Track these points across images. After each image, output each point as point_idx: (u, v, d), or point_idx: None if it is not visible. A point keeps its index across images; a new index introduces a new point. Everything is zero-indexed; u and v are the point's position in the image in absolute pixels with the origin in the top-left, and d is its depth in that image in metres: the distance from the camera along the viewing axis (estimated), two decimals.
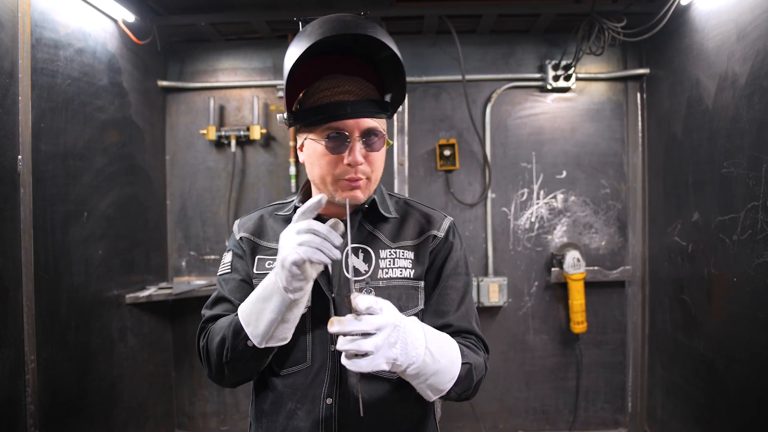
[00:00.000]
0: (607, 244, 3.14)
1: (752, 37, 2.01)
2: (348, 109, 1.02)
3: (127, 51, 2.71)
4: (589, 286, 3.05)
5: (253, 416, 1.20)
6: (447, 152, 3.05)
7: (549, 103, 3.12)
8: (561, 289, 3.10)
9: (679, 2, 2.44)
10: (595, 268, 3.08)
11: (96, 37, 2.44)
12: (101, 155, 2.47)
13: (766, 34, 1.93)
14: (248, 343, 1.00)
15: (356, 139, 1.04)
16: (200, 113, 3.15)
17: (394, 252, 1.14)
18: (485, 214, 3.13)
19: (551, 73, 3.04)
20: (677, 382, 2.69)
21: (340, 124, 1.03)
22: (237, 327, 1.01)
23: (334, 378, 1.08)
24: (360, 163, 1.04)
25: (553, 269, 3.07)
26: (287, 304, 0.96)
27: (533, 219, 3.13)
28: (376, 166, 1.08)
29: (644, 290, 3.08)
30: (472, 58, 3.09)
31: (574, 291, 2.98)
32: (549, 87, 3.06)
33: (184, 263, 3.19)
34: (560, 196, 3.12)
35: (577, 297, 2.98)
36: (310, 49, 0.97)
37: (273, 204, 1.28)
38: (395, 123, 3.01)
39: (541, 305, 3.14)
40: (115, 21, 2.59)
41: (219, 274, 1.21)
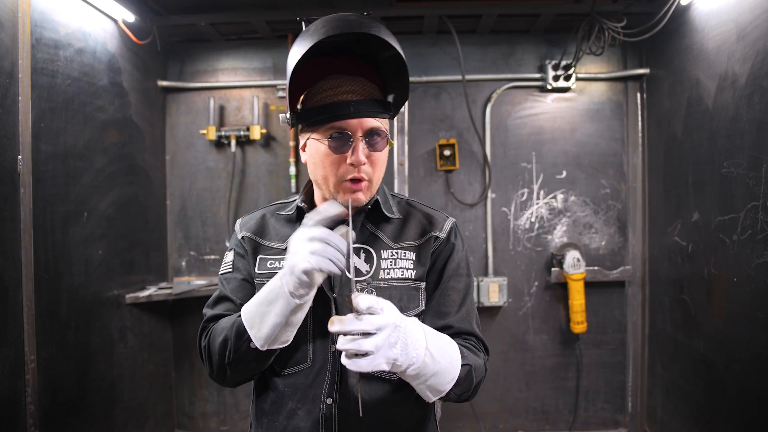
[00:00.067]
0: (607, 244, 3.14)
1: (752, 37, 2.01)
2: (351, 109, 1.02)
3: (127, 51, 2.71)
4: (589, 286, 3.05)
5: (253, 416, 1.20)
6: (447, 152, 3.05)
7: (549, 103, 3.12)
8: (561, 289, 3.10)
9: (679, 2, 2.44)
10: (595, 268, 3.08)
11: (96, 37, 2.44)
12: (101, 155, 2.47)
13: (766, 34, 1.93)
14: (251, 345, 1.00)
15: (359, 139, 1.04)
16: (200, 113, 3.15)
17: (396, 252, 1.13)
18: (485, 214, 3.13)
19: (551, 73, 3.04)
20: (677, 382, 2.69)
21: (343, 123, 1.03)
22: (240, 329, 1.01)
23: (334, 378, 1.08)
24: (363, 163, 1.04)
25: (553, 269, 3.07)
26: (292, 308, 0.96)
27: (533, 219, 3.13)
28: (378, 166, 1.08)
29: (644, 290, 3.08)
30: (472, 58, 3.09)
31: (574, 291, 2.98)
32: (549, 87, 3.06)
33: (184, 263, 3.19)
34: (560, 196, 3.12)
35: (577, 297, 2.98)
36: (312, 49, 0.97)
37: (275, 203, 1.28)
38: (395, 123, 3.00)
39: (541, 305, 3.14)
40: (115, 21, 2.59)
41: (221, 273, 1.21)
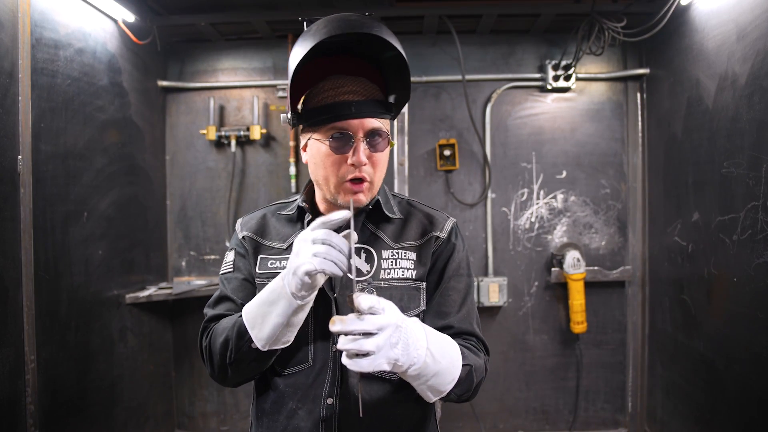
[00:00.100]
0: (607, 244, 3.14)
1: (752, 37, 2.01)
2: (352, 109, 1.02)
3: (127, 51, 2.70)
4: (589, 286, 3.05)
5: (254, 415, 1.20)
6: (447, 152, 3.05)
7: (549, 103, 3.12)
8: (561, 289, 3.10)
9: (679, 2, 2.44)
10: (595, 268, 3.09)
11: (96, 37, 2.44)
12: (101, 155, 2.47)
13: (766, 34, 1.93)
14: (252, 345, 1.00)
15: (360, 140, 1.04)
16: (200, 113, 3.15)
17: (397, 252, 1.13)
18: (485, 214, 3.13)
19: (551, 73, 3.04)
20: (677, 382, 2.69)
21: (345, 124, 1.03)
22: (241, 329, 1.01)
23: (335, 378, 1.08)
24: (364, 164, 1.04)
25: (553, 269, 3.08)
26: (294, 309, 0.96)
27: (533, 219, 3.13)
28: (379, 167, 1.08)
29: (644, 290, 3.09)
30: (472, 58, 3.09)
31: (574, 291, 2.98)
32: (549, 87, 3.06)
33: (184, 263, 3.19)
34: (560, 196, 3.12)
35: (577, 297, 2.98)
36: (313, 49, 0.97)
37: (275, 203, 1.28)
38: (395, 123, 3.00)
39: (541, 305, 3.14)
40: (115, 21, 2.59)
41: (221, 273, 1.21)
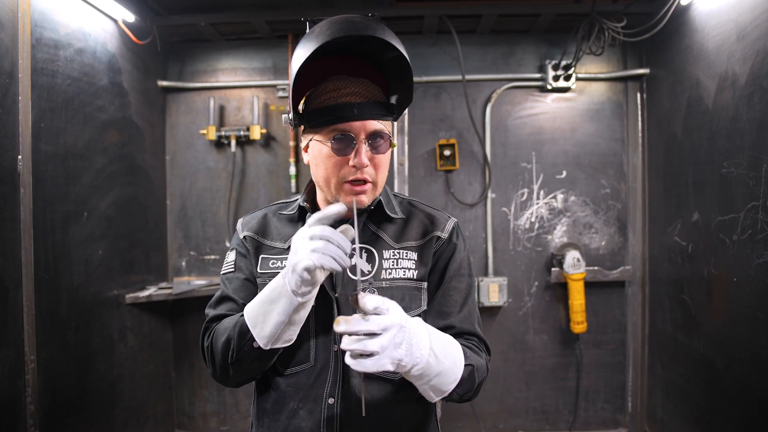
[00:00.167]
0: (607, 244, 3.14)
1: (752, 37, 2.01)
2: (354, 111, 1.02)
3: (127, 51, 2.70)
4: (589, 286, 3.06)
5: (254, 415, 1.20)
6: (447, 152, 3.05)
7: (549, 103, 3.12)
8: (561, 289, 3.10)
9: (679, 2, 2.44)
10: (595, 268, 3.09)
11: (96, 37, 2.44)
12: (101, 155, 2.47)
13: (766, 34, 1.93)
14: (254, 344, 1.00)
15: (362, 142, 1.04)
16: (200, 113, 3.15)
17: (398, 252, 1.13)
18: (485, 214, 3.13)
19: (551, 73, 3.04)
20: (677, 382, 2.70)
21: (347, 125, 1.03)
22: (243, 328, 1.01)
23: (336, 378, 1.08)
24: (365, 166, 1.04)
25: (553, 269, 3.08)
26: (295, 307, 0.96)
27: (533, 219, 3.13)
28: (381, 168, 1.08)
29: (644, 290, 3.09)
30: (472, 58, 3.09)
31: (574, 291, 2.98)
32: (549, 87, 3.06)
33: (184, 263, 3.19)
34: (560, 196, 3.12)
35: (577, 297, 2.98)
36: (316, 51, 0.97)
37: (276, 203, 1.28)
38: (396, 123, 3.01)
39: (541, 305, 3.14)
40: (115, 21, 2.59)
41: (222, 273, 1.21)
